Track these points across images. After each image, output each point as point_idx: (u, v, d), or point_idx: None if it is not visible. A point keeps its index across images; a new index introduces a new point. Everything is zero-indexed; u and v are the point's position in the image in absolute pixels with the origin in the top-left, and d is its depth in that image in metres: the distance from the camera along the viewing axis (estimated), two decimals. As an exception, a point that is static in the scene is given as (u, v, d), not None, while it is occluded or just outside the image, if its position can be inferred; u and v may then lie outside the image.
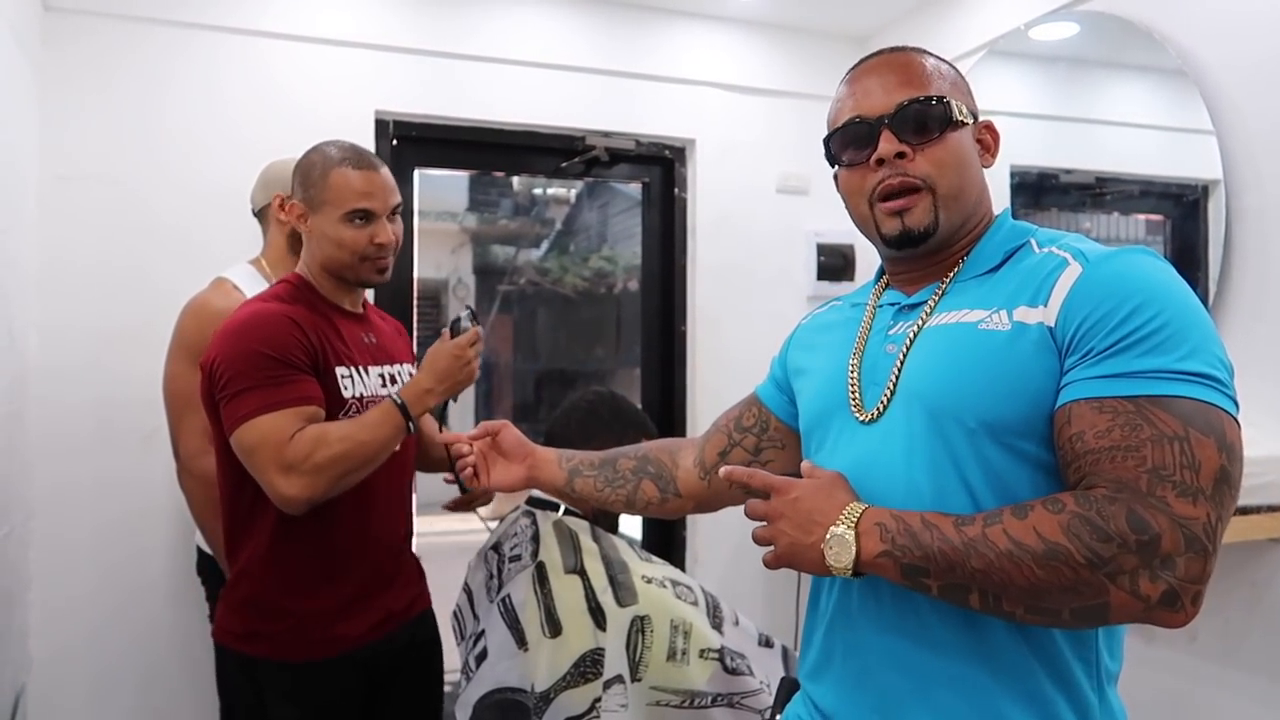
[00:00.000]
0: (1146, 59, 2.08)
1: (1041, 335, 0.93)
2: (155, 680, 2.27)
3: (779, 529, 0.97)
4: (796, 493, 0.98)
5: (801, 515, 0.96)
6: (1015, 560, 0.84)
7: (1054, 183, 2.39)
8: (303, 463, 1.45)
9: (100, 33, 2.28)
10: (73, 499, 2.24)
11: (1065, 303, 0.93)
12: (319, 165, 1.60)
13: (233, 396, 1.48)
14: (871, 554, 0.91)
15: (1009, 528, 0.86)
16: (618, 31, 2.79)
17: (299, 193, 1.63)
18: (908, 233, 1.04)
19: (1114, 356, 0.88)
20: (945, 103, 1.03)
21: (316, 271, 1.65)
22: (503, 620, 1.60)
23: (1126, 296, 0.89)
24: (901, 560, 0.90)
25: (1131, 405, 0.85)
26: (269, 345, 1.50)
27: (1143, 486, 0.82)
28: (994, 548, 0.85)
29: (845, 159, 1.09)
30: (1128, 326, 0.88)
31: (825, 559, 0.93)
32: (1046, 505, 0.85)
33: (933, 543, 0.88)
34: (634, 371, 2.94)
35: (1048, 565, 0.82)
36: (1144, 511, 0.81)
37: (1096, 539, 0.81)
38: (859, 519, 0.93)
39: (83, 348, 2.25)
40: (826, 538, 0.93)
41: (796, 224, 2.97)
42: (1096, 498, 0.83)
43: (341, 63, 2.49)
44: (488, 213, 8.45)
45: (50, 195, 2.23)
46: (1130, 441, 0.84)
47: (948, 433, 0.96)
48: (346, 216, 1.59)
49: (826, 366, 1.16)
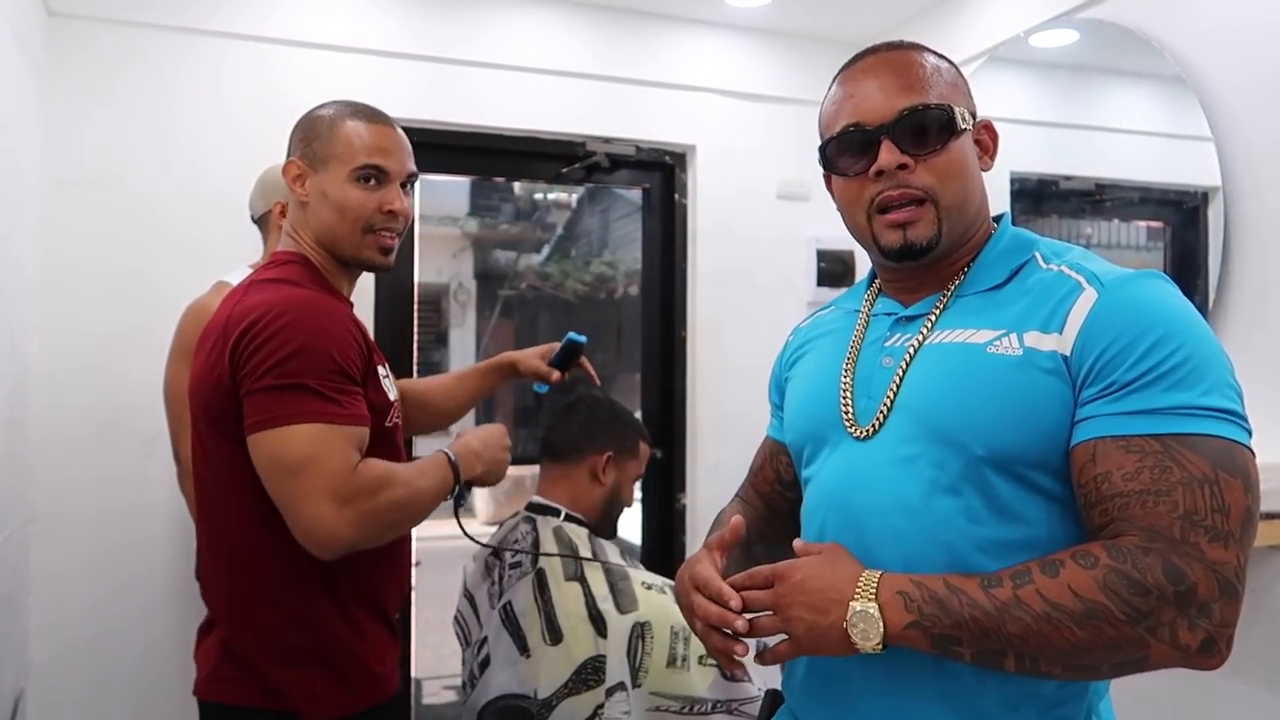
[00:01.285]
0: (1146, 66, 2.08)
1: (1055, 364, 0.90)
2: (155, 685, 2.26)
3: (792, 615, 0.90)
4: (801, 574, 0.91)
5: (813, 596, 0.89)
6: (1053, 622, 0.80)
7: (1054, 189, 2.40)
8: (365, 500, 1.23)
9: (103, 38, 2.29)
10: (73, 502, 2.24)
11: (1082, 332, 0.90)
12: (327, 117, 1.39)
13: (281, 389, 1.21)
14: (899, 626, 0.85)
15: (1042, 588, 0.82)
16: (618, 37, 2.79)
17: (298, 149, 1.39)
18: (909, 246, 1.00)
19: (1138, 392, 0.85)
20: (948, 109, 0.99)
21: (315, 247, 1.39)
22: (504, 627, 1.60)
23: (1146, 328, 0.87)
24: (932, 631, 0.85)
25: (1159, 445, 0.83)
26: (337, 346, 1.26)
27: (1176, 534, 0.80)
28: (1029, 610, 0.81)
29: (842, 168, 1.03)
30: (1150, 360, 0.86)
31: (850, 639, 0.87)
32: (1078, 560, 0.82)
33: (962, 610, 0.84)
34: (634, 377, 2.94)
35: (1088, 625, 0.80)
36: (1179, 561, 0.79)
37: (1135, 593, 0.79)
38: (877, 589, 0.87)
39: (84, 351, 2.25)
40: (849, 616, 0.87)
41: (797, 230, 2.97)
42: (1129, 549, 0.81)
43: (344, 68, 2.49)
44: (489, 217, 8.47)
45: (52, 199, 2.24)
46: (1160, 485, 0.82)
47: (948, 456, 0.93)
48: (356, 173, 1.36)
49: (817, 375, 1.12)
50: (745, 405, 2.80)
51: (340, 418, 1.24)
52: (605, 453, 1.76)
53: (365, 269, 1.45)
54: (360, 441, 1.26)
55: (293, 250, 1.40)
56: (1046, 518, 0.92)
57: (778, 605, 0.91)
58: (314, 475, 1.20)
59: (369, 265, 1.42)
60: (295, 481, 1.20)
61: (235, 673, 1.33)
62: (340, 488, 1.21)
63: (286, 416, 1.20)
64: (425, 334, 6.09)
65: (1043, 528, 0.92)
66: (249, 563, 1.32)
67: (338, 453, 1.22)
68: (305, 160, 1.38)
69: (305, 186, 1.38)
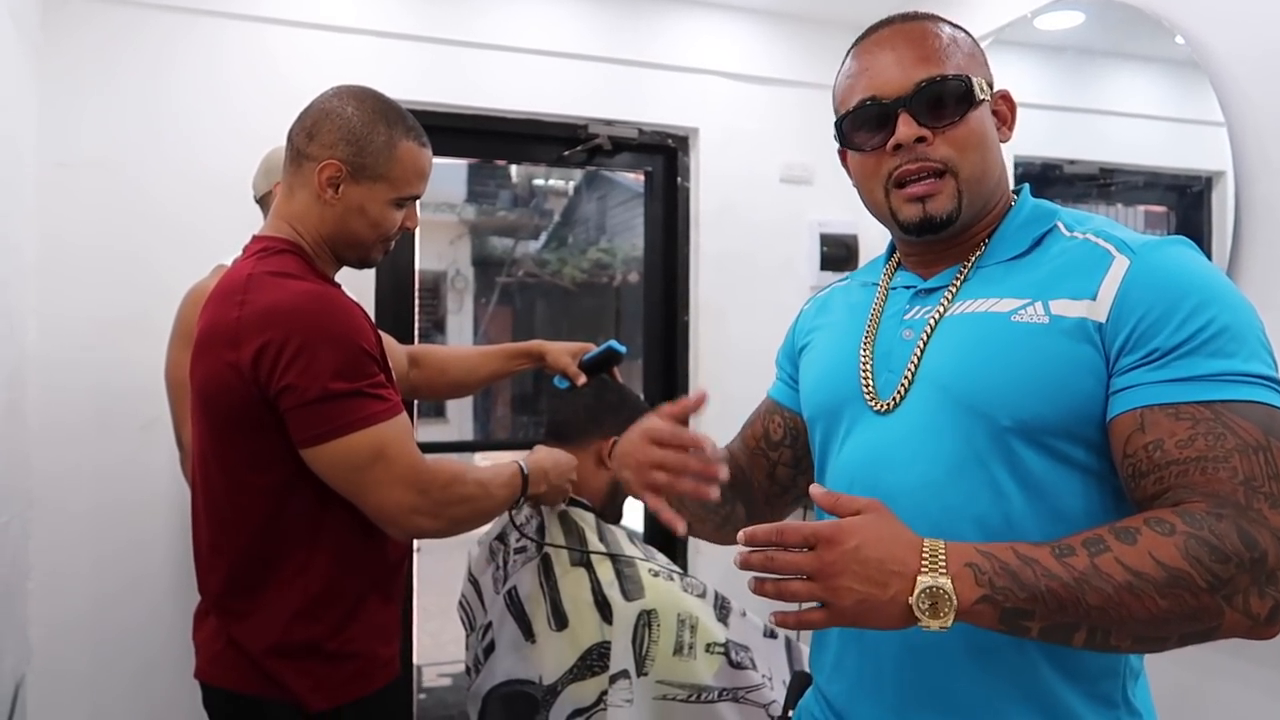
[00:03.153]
0: (1153, 48, 2.07)
1: (1084, 330, 0.89)
2: (155, 669, 2.25)
3: (839, 585, 0.79)
4: (856, 539, 0.80)
5: (870, 567, 0.79)
6: (1136, 592, 0.77)
7: (1058, 173, 2.38)
8: (438, 491, 1.29)
9: (101, 18, 2.26)
10: (72, 488, 2.22)
11: (1117, 299, 0.88)
12: (383, 132, 1.35)
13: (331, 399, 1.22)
14: (969, 601, 0.78)
15: (1122, 556, 0.78)
16: (621, 19, 2.77)
17: (343, 152, 1.33)
18: (929, 219, 0.98)
19: (1182, 359, 0.84)
20: (966, 80, 0.97)
21: (315, 240, 1.38)
22: (509, 612, 1.59)
23: (1183, 294, 0.86)
24: (1004, 605, 0.78)
25: (1209, 412, 0.82)
26: (363, 338, 1.27)
27: (1241, 499, 0.79)
28: (1110, 580, 0.77)
29: (859, 142, 1.01)
30: (1190, 327, 0.84)
31: (913, 615, 0.78)
32: (1154, 527, 0.79)
33: (1038, 581, 0.78)
34: (636, 362, 2.92)
35: (1170, 594, 0.77)
36: (1250, 527, 0.78)
37: (1216, 560, 0.77)
38: (947, 562, 0.79)
39: (82, 336, 2.23)
40: (917, 592, 0.78)
41: (800, 214, 2.95)
42: (1201, 515, 0.79)
43: (343, 49, 2.47)
44: (486, 204, 8.44)
45: (49, 182, 2.21)
46: (1217, 452, 0.81)
47: (974, 427, 0.92)
48: (400, 199, 1.38)
49: (835, 348, 1.10)
50: (748, 390, 2.76)
51: (391, 412, 1.27)
52: (610, 438, 1.75)
53: (360, 266, 1.46)
54: (410, 428, 1.32)
55: (286, 238, 1.36)
56: (1081, 489, 0.90)
57: (822, 572, 0.80)
58: (386, 467, 1.25)
59: (365, 265, 1.45)
60: (369, 474, 1.25)
61: (237, 660, 1.34)
62: (413, 478, 1.27)
63: (346, 425, 1.23)
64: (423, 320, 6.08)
65: (1076, 500, 0.90)
66: (253, 559, 1.32)
67: (404, 446, 1.27)
68: (349, 168, 1.34)
69: (339, 191, 1.35)
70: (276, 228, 1.39)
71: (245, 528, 1.31)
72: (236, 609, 1.34)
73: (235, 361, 1.24)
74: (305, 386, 1.21)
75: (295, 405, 1.23)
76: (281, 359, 1.22)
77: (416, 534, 1.34)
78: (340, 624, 1.33)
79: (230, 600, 1.35)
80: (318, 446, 1.24)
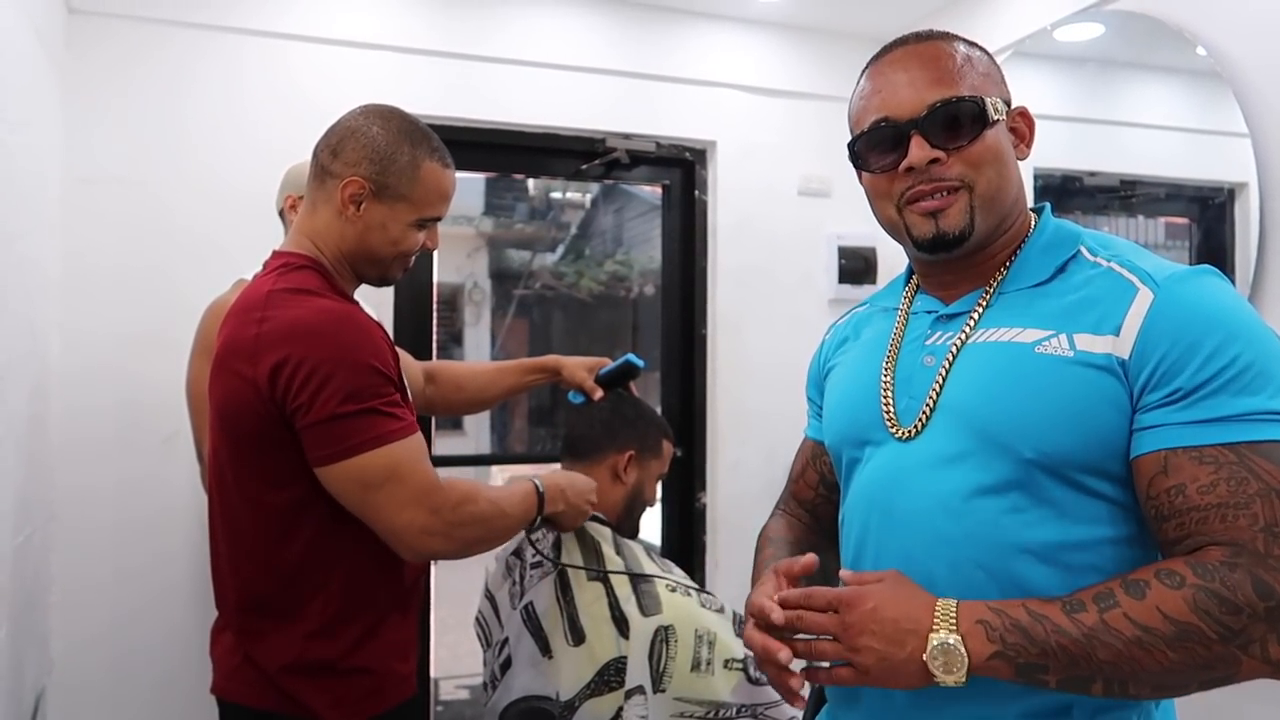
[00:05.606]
0: (1173, 59, 2.05)
1: (1109, 366, 0.88)
2: (173, 684, 2.26)
3: (861, 645, 0.85)
4: (872, 603, 0.86)
5: (886, 626, 0.85)
6: (1145, 647, 0.78)
7: (1078, 185, 2.37)
8: (450, 511, 1.28)
9: (123, 35, 2.29)
10: (94, 502, 2.24)
11: (1141, 335, 0.87)
12: (407, 152, 1.35)
13: (345, 418, 1.21)
14: (982, 657, 0.82)
15: (1130, 611, 0.79)
16: (638, 33, 2.77)
17: (366, 168, 1.33)
18: (942, 236, 0.97)
19: (1206, 399, 0.83)
20: (979, 101, 0.96)
21: (336, 257, 1.37)
22: (526, 628, 1.59)
23: (1208, 330, 0.85)
24: (1017, 661, 0.81)
25: (1233, 455, 0.81)
26: (379, 357, 1.26)
27: (1260, 548, 0.79)
28: (1119, 636, 0.79)
29: (873, 164, 1.01)
30: (1215, 364, 0.83)
31: (929, 672, 0.83)
32: (1163, 580, 0.80)
33: (1048, 638, 0.81)
34: (653, 375, 2.92)
35: (1180, 647, 0.78)
36: (1267, 575, 0.78)
37: (1226, 612, 0.77)
38: (957, 619, 0.84)
39: (104, 350, 2.25)
40: (929, 649, 0.83)
41: (818, 226, 2.94)
42: (1215, 566, 0.79)
43: (362, 65, 2.48)
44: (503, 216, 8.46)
45: (73, 198, 2.23)
46: (1238, 498, 0.80)
47: (996, 458, 0.91)
48: (422, 220, 1.38)
49: (856, 374, 1.09)
50: (766, 403, 2.78)
51: (405, 431, 1.26)
52: (627, 451, 1.74)
53: (377, 284, 1.46)
54: (424, 447, 1.30)
55: (307, 254, 1.36)
56: (1108, 517, 0.90)
57: (844, 634, 0.87)
58: (398, 487, 1.23)
59: (383, 284, 1.45)
60: (381, 493, 1.23)
61: (254, 676, 1.33)
62: (425, 498, 1.25)
63: (360, 444, 1.22)
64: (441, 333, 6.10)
65: (1101, 527, 0.90)
66: (270, 576, 1.31)
67: (418, 465, 1.26)
68: (373, 186, 1.33)
69: (361, 210, 1.34)
70: (298, 243, 1.38)
71: (262, 544, 1.31)
72: (253, 627, 1.33)
73: (253, 378, 1.24)
74: (319, 405, 1.21)
75: (310, 424, 1.22)
76: (297, 377, 1.21)
77: (428, 555, 1.32)
78: (358, 642, 1.33)
79: (247, 618, 1.34)
80: (331, 466, 1.23)
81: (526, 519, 1.44)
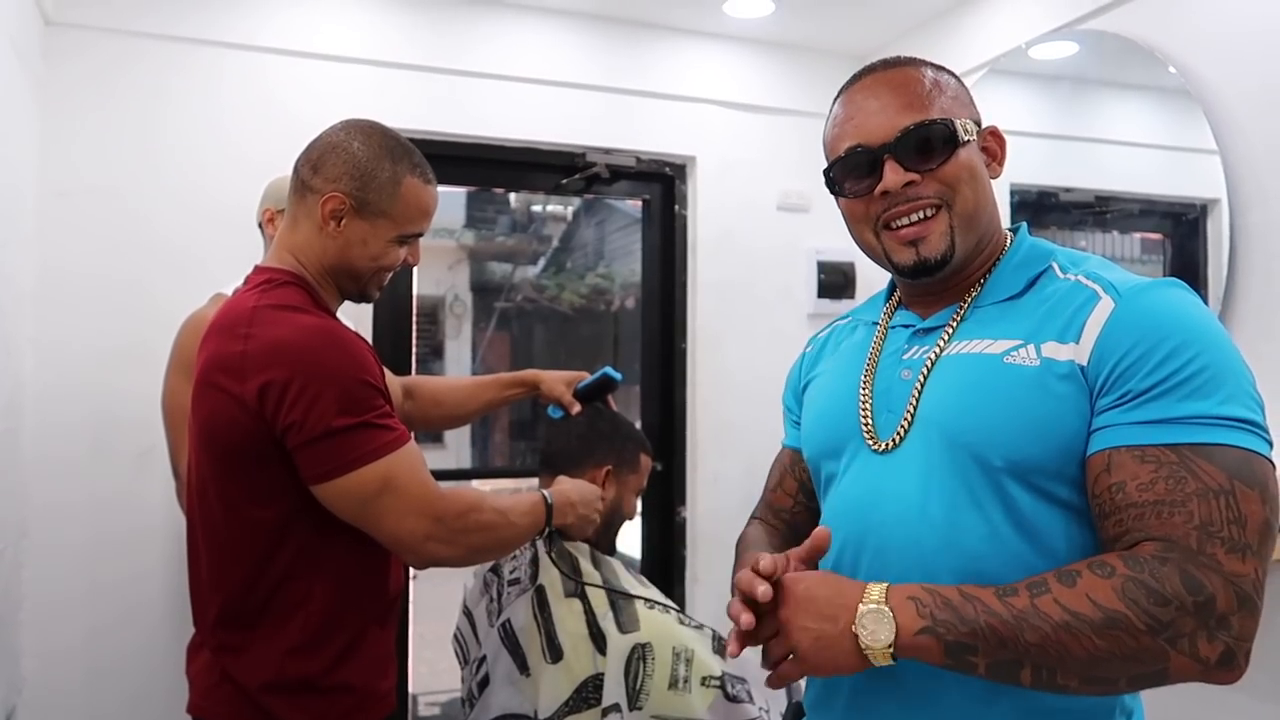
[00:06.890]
0: (1147, 78, 2.08)
1: (1072, 373, 0.90)
2: (147, 702, 2.23)
3: (795, 626, 0.88)
4: (804, 584, 0.90)
5: (820, 603, 0.88)
6: (1072, 631, 0.79)
7: (1054, 201, 2.39)
8: (454, 519, 1.28)
9: (101, 48, 2.28)
10: (67, 518, 2.21)
11: (1099, 341, 0.89)
12: (388, 168, 1.34)
13: (338, 434, 1.21)
14: (910, 630, 0.83)
15: (1060, 597, 0.81)
16: (618, 48, 2.79)
17: (347, 183, 1.32)
18: (923, 262, 0.99)
19: (1153, 401, 0.84)
20: (949, 124, 0.98)
21: (318, 272, 1.37)
22: (504, 645, 1.58)
23: (1164, 336, 0.86)
24: (945, 638, 0.82)
25: (1174, 455, 0.82)
26: (368, 371, 1.26)
27: (1193, 544, 0.79)
28: (1048, 619, 0.80)
29: (848, 189, 1.03)
30: (1166, 368, 0.85)
31: (860, 642, 0.84)
32: (1095, 570, 0.81)
33: (978, 617, 0.82)
34: (633, 389, 2.92)
35: (1107, 634, 0.78)
36: (1197, 571, 0.79)
37: (1154, 603, 0.78)
38: (887, 594, 0.86)
39: (79, 364, 2.23)
40: (857, 618, 0.85)
41: (797, 241, 2.96)
42: (1146, 559, 0.80)
43: (341, 78, 2.48)
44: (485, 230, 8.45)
45: (49, 210, 2.22)
46: (1176, 496, 0.81)
47: (969, 468, 0.93)
48: (403, 237, 1.37)
49: (835, 387, 1.11)
50: (746, 417, 2.79)
51: (398, 442, 1.26)
52: (604, 466, 1.74)
53: (357, 300, 1.45)
54: (420, 455, 1.30)
55: (290, 270, 1.35)
56: (1064, 530, 0.91)
57: (784, 623, 0.90)
58: (396, 498, 1.24)
59: (362, 299, 1.44)
60: (381, 505, 1.24)
61: (233, 694, 1.32)
62: (425, 506, 1.25)
63: (357, 459, 1.22)
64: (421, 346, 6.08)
65: (1060, 540, 0.91)
66: (252, 592, 1.30)
67: (413, 475, 1.26)
68: (353, 202, 1.33)
69: (341, 225, 1.34)
70: (280, 258, 1.38)
71: (244, 561, 1.29)
72: (233, 643, 1.32)
73: (240, 395, 1.23)
74: (311, 423, 1.21)
75: (302, 443, 1.22)
76: (287, 396, 1.21)
77: (434, 562, 1.32)
78: (338, 659, 1.31)
79: (226, 634, 1.32)
80: (328, 482, 1.23)
81: (534, 529, 1.44)
